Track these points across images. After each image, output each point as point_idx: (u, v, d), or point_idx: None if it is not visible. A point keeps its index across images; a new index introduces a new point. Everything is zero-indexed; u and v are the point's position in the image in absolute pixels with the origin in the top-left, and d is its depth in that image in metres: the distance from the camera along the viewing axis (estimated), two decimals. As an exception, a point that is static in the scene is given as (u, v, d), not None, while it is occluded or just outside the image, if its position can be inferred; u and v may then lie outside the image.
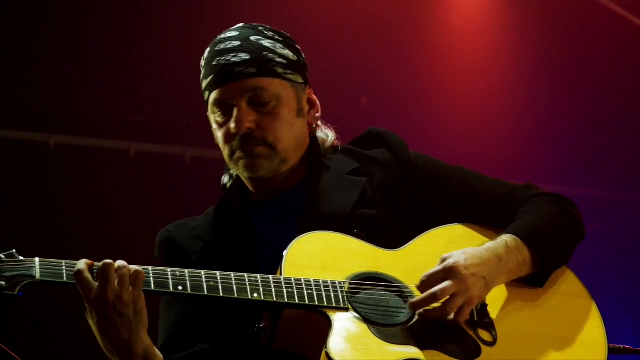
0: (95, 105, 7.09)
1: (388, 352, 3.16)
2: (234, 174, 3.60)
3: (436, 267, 3.27)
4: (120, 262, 3.11)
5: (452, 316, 3.25)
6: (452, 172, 3.58)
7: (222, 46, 3.51)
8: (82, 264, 3.09)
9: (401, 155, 3.56)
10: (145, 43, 7.10)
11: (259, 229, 3.49)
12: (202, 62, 3.55)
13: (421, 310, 3.24)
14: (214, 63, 3.48)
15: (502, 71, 8.07)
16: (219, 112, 3.47)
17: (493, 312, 3.35)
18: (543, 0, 8.01)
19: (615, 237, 8.10)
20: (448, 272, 3.25)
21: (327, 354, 3.10)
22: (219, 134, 3.49)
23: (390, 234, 3.43)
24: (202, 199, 3.74)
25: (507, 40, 8.06)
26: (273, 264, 3.31)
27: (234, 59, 3.46)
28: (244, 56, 3.47)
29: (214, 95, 3.47)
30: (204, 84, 3.51)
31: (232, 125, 3.42)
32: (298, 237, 3.31)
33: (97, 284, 3.07)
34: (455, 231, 3.48)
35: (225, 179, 3.64)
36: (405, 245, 3.42)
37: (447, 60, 7.99)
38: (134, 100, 7.20)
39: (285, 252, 3.27)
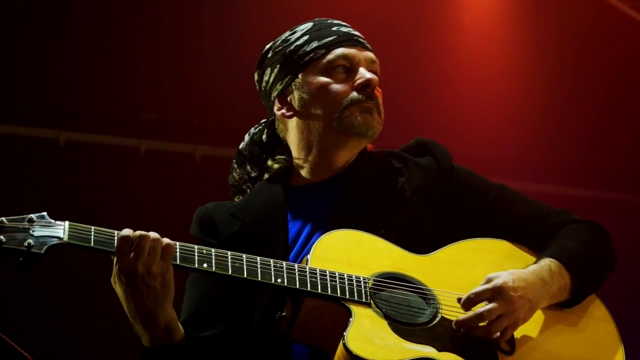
0: (106, 103, 7.09)
1: (405, 350, 3.18)
2: (274, 166, 3.63)
3: (484, 286, 3.30)
4: (153, 234, 3.16)
5: (495, 336, 3.26)
6: (491, 187, 3.62)
7: (335, 21, 3.63)
8: (128, 230, 3.16)
9: (444, 164, 3.59)
10: (157, 41, 7.11)
11: (293, 214, 3.52)
12: (302, 31, 3.58)
13: (465, 328, 3.26)
14: (333, 28, 3.58)
15: (513, 72, 8.06)
16: (341, 67, 3.54)
17: None
18: (555, 1, 7.99)
19: (615, 239, 8.07)
20: (496, 292, 3.27)
21: (345, 345, 3.13)
22: (334, 88, 3.52)
23: (421, 238, 3.45)
24: (212, 197, 3.73)
25: (519, 42, 8.04)
26: (302, 250, 3.39)
27: (356, 32, 3.63)
28: (360, 33, 3.64)
29: (340, 51, 3.54)
30: (314, 44, 3.54)
31: (368, 75, 3.51)
32: (328, 232, 3.35)
33: (132, 253, 3.12)
34: (485, 245, 3.50)
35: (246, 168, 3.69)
36: (434, 252, 3.44)
37: (458, 62, 7.98)
38: (145, 98, 7.20)
39: (313, 245, 3.31)
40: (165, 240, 3.16)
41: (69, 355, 6.70)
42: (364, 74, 3.52)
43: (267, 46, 3.66)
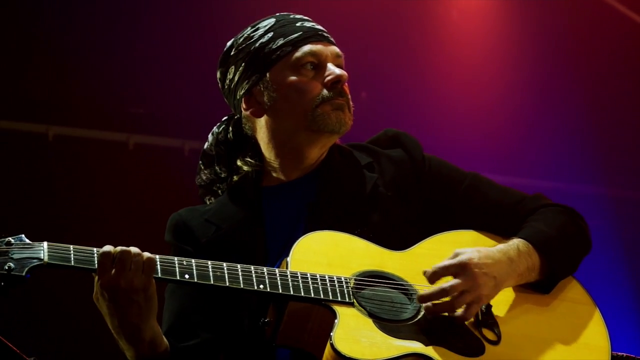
0: (95, 97, 7.09)
1: (392, 346, 3.19)
2: (243, 168, 3.58)
3: (449, 260, 3.30)
4: (134, 249, 3.14)
5: (459, 312, 3.27)
6: (464, 176, 3.60)
7: (297, 16, 3.59)
8: (109, 247, 3.12)
9: (415, 155, 3.58)
10: (146, 35, 7.10)
11: (269, 215, 3.51)
12: (265, 28, 3.54)
13: (429, 304, 3.27)
14: (297, 24, 3.53)
15: (501, 67, 8.08)
16: (309, 64, 3.51)
17: (498, 313, 3.37)
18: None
19: (613, 235, 8.10)
20: (460, 268, 3.28)
21: (332, 345, 3.13)
22: (304, 86, 3.49)
23: (397, 233, 3.45)
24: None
25: (507, 36, 8.06)
26: (281, 251, 3.37)
27: (319, 26, 3.57)
28: (322, 27, 3.60)
29: (308, 48, 3.50)
30: (280, 41, 3.50)
31: (338, 72, 3.49)
32: (305, 235, 3.34)
33: (113, 269, 3.10)
34: (461, 237, 3.50)
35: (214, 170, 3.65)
36: (411, 247, 3.44)
37: (446, 56, 8.00)
38: (134, 92, 7.20)
39: (292, 248, 3.30)
40: (146, 254, 3.14)
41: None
42: (333, 70, 3.49)
43: (229, 43, 3.60)
